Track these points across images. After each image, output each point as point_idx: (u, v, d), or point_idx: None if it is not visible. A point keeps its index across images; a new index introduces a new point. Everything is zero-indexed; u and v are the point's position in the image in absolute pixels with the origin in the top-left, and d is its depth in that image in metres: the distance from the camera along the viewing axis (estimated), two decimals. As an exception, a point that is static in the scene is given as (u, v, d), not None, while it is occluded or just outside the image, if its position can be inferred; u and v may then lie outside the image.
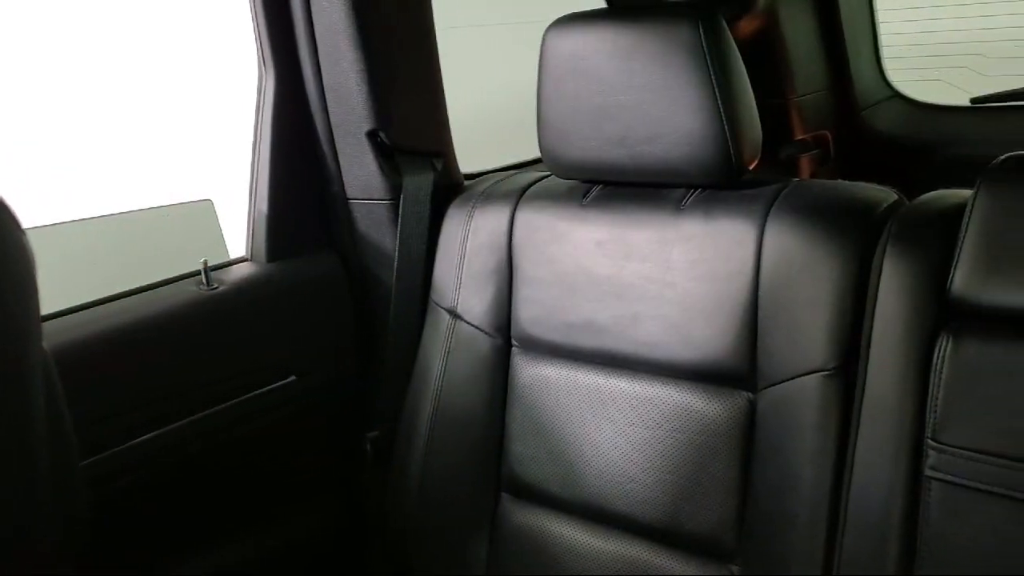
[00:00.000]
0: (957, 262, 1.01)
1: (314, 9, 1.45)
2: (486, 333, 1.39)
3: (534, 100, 1.34)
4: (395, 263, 1.49)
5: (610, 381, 1.28)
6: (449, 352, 1.42)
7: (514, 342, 1.39)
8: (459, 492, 1.40)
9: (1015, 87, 1.97)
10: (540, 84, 1.32)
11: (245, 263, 1.52)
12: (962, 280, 1.00)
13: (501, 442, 1.38)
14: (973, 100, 2.03)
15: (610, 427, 1.27)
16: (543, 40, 1.31)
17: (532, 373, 1.36)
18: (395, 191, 1.50)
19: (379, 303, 1.55)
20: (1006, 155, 1.04)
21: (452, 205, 1.48)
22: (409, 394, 1.47)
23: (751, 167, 1.24)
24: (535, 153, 1.40)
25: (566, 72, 1.28)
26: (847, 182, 1.22)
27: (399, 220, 1.49)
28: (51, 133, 3.19)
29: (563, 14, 1.31)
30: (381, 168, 1.49)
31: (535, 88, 1.33)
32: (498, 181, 1.48)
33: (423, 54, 1.51)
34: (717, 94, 1.18)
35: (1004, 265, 0.98)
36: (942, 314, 1.03)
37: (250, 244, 1.53)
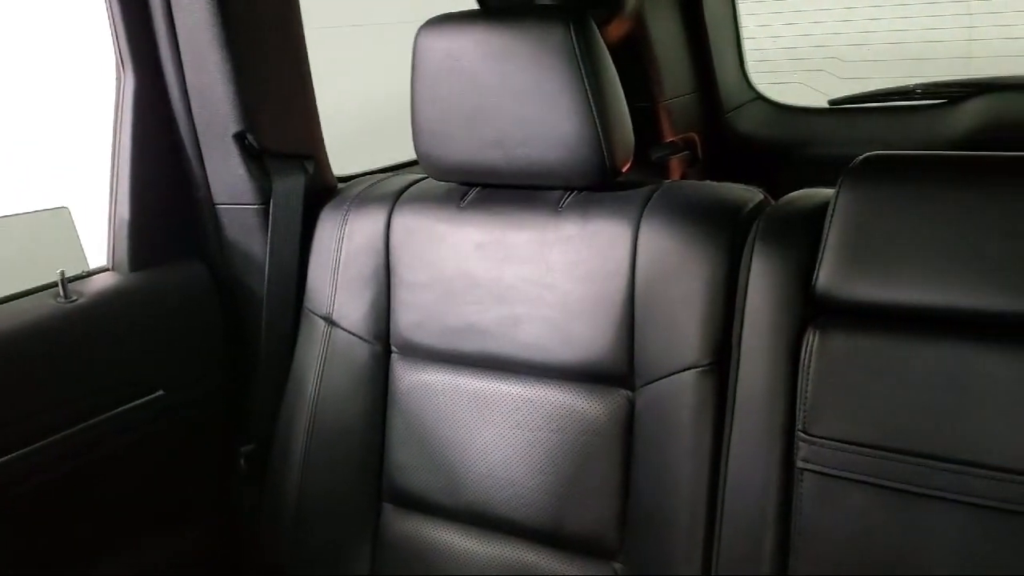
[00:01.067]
0: (821, 259, 1.05)
1: (174, 6, 1.39)
2: (364, 340, 1.37)
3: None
4: (266, 270, 1.44)
5: (492, 384, 1.27)
6: (325, 361, 1.38)
7: (393, 348, 1.36)
8: (339, 505, 1.37)
9: (869, 89, 2.07)
10: (414, 85, 1.30)
11: (106, 273, 1.44)
12: (827, 276, 1.04)
13: (382, 451, 1.36)
14: (831, 102, 2.12)
15: (492, 431, 1.26)
16: (415, 41, 1.29)
17: (412, 379, 1.33)
18: (264, 195, 1.45)
19: (250, 312, 1.49)
20: (865, 155, 1.09)
21: (325, 209, 1.44)
22: (284, 405, 1.42)
23: (625, 169, 1.25)
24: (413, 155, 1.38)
25: (440, 73, 1.27)
26: (716, 183, 1.25)
27: (269, 225, 1.44)
28: None
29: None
30: (249, 172, 1.44)
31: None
32: (373, 184, 1.45)
33: (292, 54, 1.47)
34: (590, 97, 1.19)
35: (865, 260, 1.02)
36: (809, 309, 1.06)
37: (111, 253, 1.46)
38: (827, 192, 1.10)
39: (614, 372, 1.19)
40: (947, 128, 1.89)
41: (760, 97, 2.23)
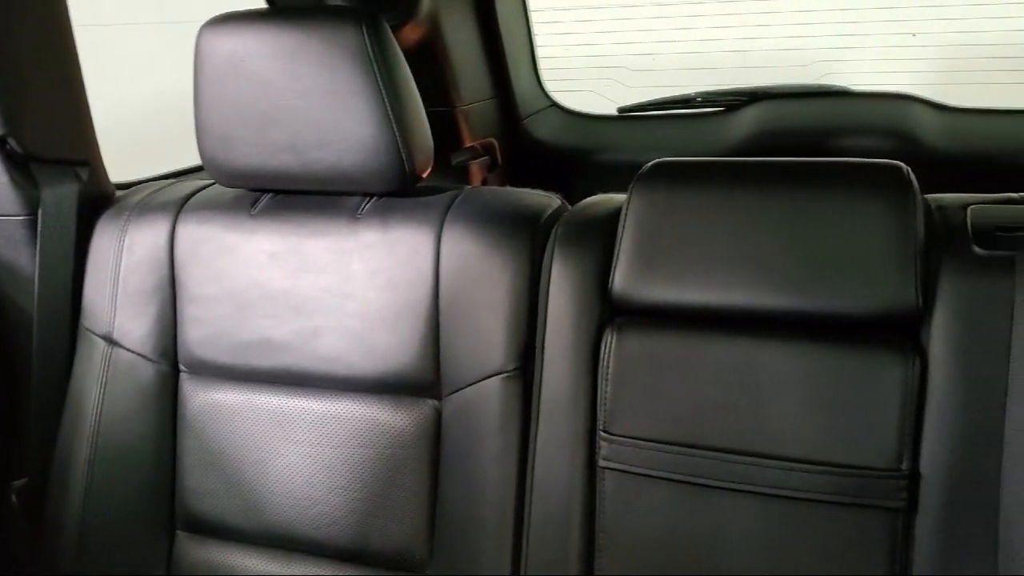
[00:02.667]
0: (616, 262, 1.07)
1: None
2: (148, 359, 1.27)
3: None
4: (36, 287, 1.32)
5: (291, 401, 1.22)
6: (106, 383, 1.28)
7: (182, 367, 1.28)
8: (127, 538, 1.27)
9: (655, 98, 2.15)
10: (197, 87, 1.23)
11: None
12: (621, 279, 1.07)
13: (173, 477, 1.27)
14: (620, 110, 2.19)
15: (293, 450, 1.21)
16: (197, 40, 1.22)
17: (204, 399, 1.26)
18: (31, 205, 1.32)
19: (19, 333, 1.36)
20: (654, 161, 1.12)
21: (102, 219, 1.33)
22: (61, 434, 1.30)
23: (425, 174, 1.23)
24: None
25: (225, 74, 1.20)
26: (515, 189, 1.25)
27: (38, 238, 1.32)
28: None
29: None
30: (13, 180, 1.31)
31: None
32: (155, 191, 1.36)
33: (60, 53, 1.35)
34: (386, 100, 1.16)
35: (657, 263, 1.05)
36: (607, 312, 1.09)
37: None
38: (620, 197, 1.13)
39: (420, 382, 1.17)
40: (726, 135, 1.99)
41: (554, 104, 2.27)
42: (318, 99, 1.17)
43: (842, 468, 0.97)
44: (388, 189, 1.21)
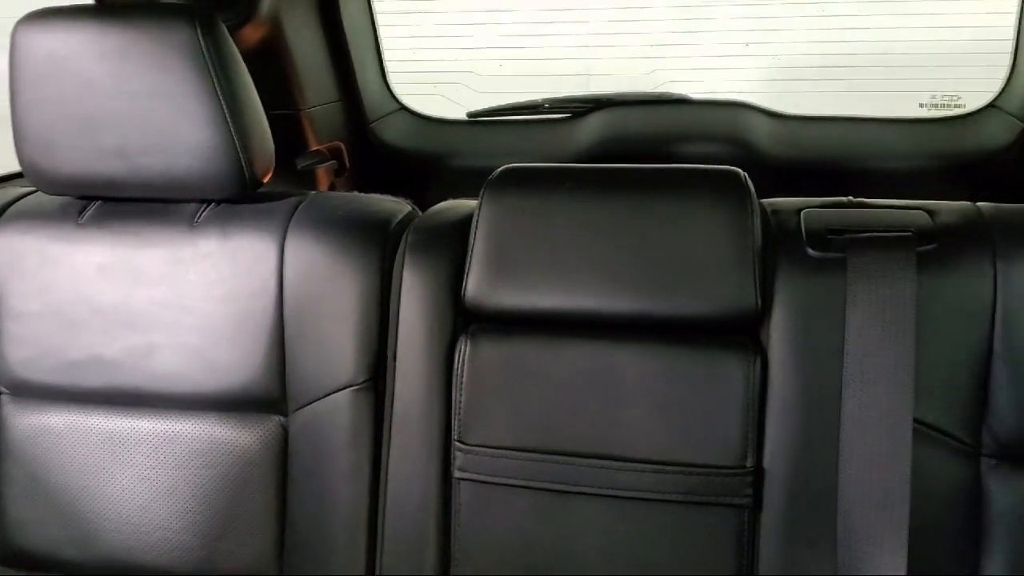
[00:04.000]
0: (469, 269, 1.06)
1: None
2: None
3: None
4: None
5: (126, 422, 1.15)
6: None
7: (2, 389, 1.18)
8: None
9: (504, 103, 2.16)
10: (13, 88, 1.14)
11: None
12: (474, 286, 1.06)
13: None
14: (469, 114, 2.19)
15: (129, 473, 1.14)
16: (12, 37, 1.13)
17: (29, 424, 1.17)
18: None
19: None
20: (504, 167, 1.12)
21: None
22: None
23: (266, 179, 1.19)
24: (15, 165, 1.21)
25: (45, 74, 1.12)
26: (363, 194, 1.22)
27: None
28: None
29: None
30: None
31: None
32: None
33: None
34: (223, 103, 1.11)
35: (509, 269, 1.05)
36: (459, 320, 1.07)
37: None
38: (471, 203, 1.12)
39: (265, 398, 1.12)
40: (573, 140, 2.02)
41: (403, 108, 2.25)
42: (149, 101, 1.11)
43: (691, 468, 0.99)
44: (227, 195, 1.16)
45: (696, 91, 2.12)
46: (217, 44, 1.11)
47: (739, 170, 1.07)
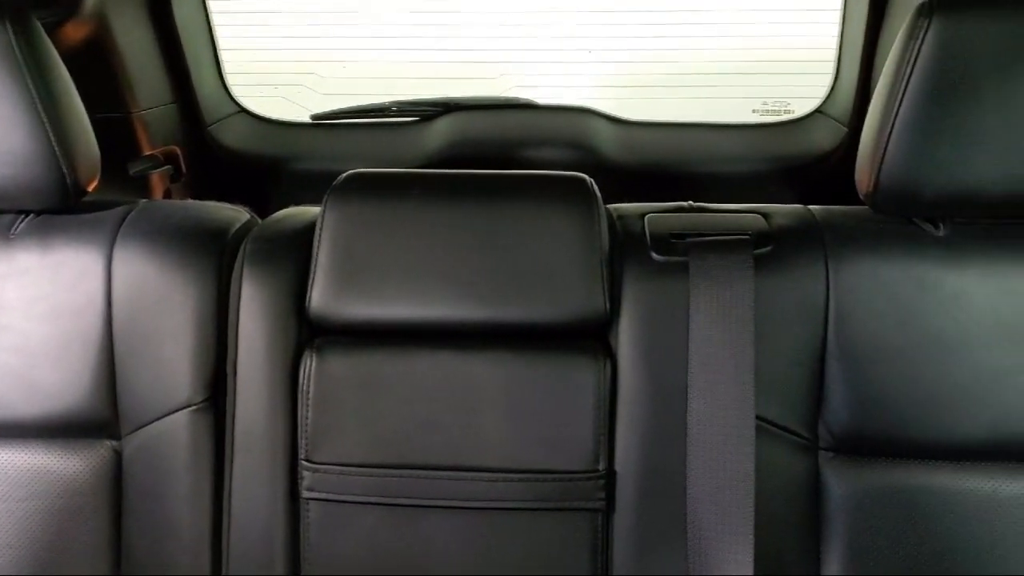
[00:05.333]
0: (313, 279, 1.02)
1: None
2: None
3: None
4: None
5: None
6: None
7: None
8: None
9: (349, 106, 2.11)
10: None
11: None
12: (319, 297, 1.02)
13: None
14: (313, 117, 2.13)
15: None
16: None
17: None
18: None
19: None
20: (348, 172, 1.08)
21: None
22: None
23: (91, 188, 1.11)
24: None
25: None
26: (198, 202, 1.16)
27: None
28: None
29: None
30: None
31: None
32: None
33: None
34: (40, 107, 1.02)
35: (356, 279, 1.02)
36: (304, 333, 1.03)
37: None
38: (315, 210, 1.08)
39: (94, 421, 1.04)
40: (421, 144, 2.00)
41: (242, 110, 2.17)
42: None
43: (544, 474, 0.99)
44: (47, 205, 1.08)
45: (543, 96, 2.13)
46: (31, 44, 1.03)
47: (585, 176, 1.08)
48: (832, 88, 2.01)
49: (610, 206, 1.11)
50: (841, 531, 0.99)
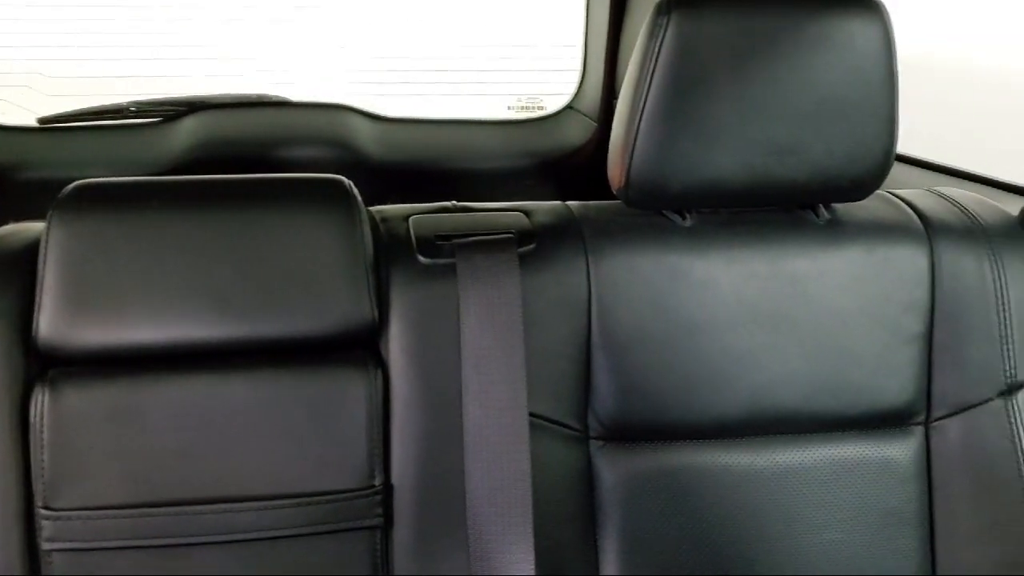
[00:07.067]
0: (40, 305, 0.91)
1: None
2: None
3: None
4: None
5: None
6: None
7: None
8: None
9: (81, 107, 1.94)
10: None
11: None
12: (48, 324, 0.91)
13: None
14: (40, 120, 1.94)
15: None
16: None
17: None
18: None
19: None
20: (76, 183, 0.98)
21: None
22: None
23: None
24: None
25: None
26: None
27: None
28: None
29: None
30: None
31: None
32: None
33: None
34: None
35: (92, 302, 0.91)
36: (34, 365, 0.92)
37: None
38: (41, 226, 0.96)
39: None
40: (165, 147, 1.87)
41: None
42: None
43: (317, 496, 0.94)
44: None
45: (296, 93, 2.06)
46: None
47: (343, 178, 1.03)
48: (580, 84, 2.07)
49: (372, 208, 1.07)
50: (616, 518, 1.01)
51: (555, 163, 1.98)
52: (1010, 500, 1.03)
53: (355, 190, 1.02)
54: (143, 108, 1.94)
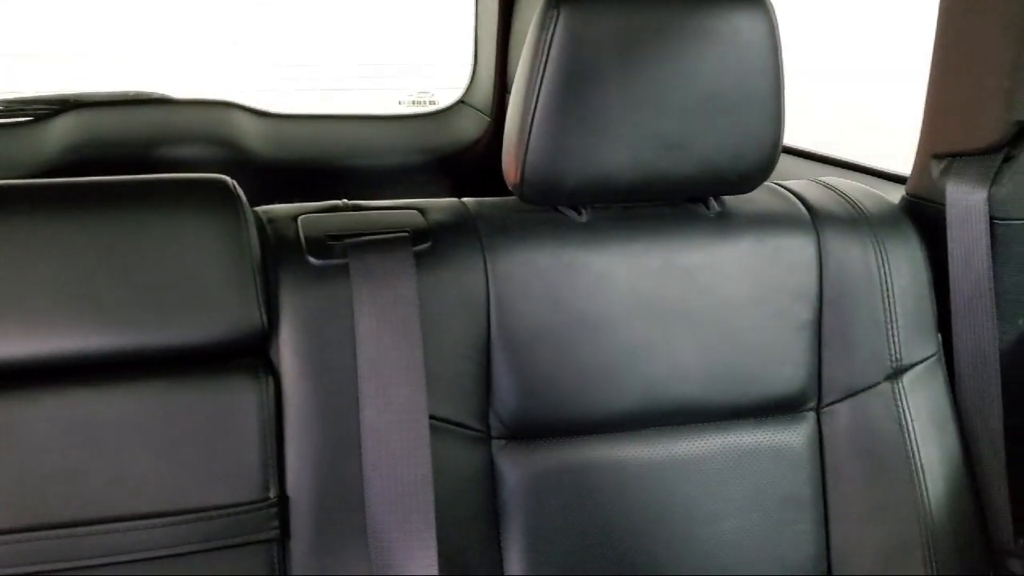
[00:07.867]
0: None
1: None
2: None
3: None
4: None
5: None
6: None
7: None
8: None
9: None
10: None
11: None
12: None
13: None
14: None
15: None
16: None
17: None
18: None
19: None
20: None
21: None
22: None
23: None
24: None
25: None
26: None
27: None
28: None
29: None
30: None
31: None
32: None
33: None
34: None
35: None
36: None
37: None
38: None
39: None
40: (37, 148, 1.78)
41: None
42: None
43: (210, 511, 0.90)
44: None
45: (182, 91, 1.99)
46: None
47: (226, 178, 0.99)
48: (472, 78, 2.06)
49: (258, 208, 1.03)
50: (519, 518, 1.00)
51: (449, 159, 1.97)
52: (898, 481, 1.07)
53: (239, 190, 0.98)
54: (11, 107, 1.85)
